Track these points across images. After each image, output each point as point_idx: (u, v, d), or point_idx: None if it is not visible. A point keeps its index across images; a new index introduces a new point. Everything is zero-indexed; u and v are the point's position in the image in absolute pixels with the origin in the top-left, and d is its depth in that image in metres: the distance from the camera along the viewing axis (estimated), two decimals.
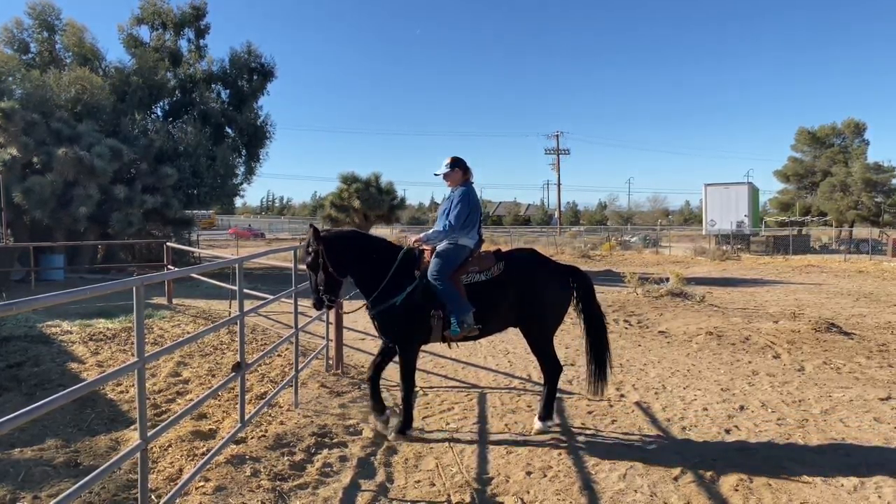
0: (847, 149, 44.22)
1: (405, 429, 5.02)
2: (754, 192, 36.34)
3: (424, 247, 5.05)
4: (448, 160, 5.15)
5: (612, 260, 29.17)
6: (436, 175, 5.18)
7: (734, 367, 7.53)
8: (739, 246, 32.68)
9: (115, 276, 16.32)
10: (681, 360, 7.91)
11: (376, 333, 5.36)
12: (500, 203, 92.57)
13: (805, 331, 9.43)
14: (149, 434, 3.32)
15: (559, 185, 67.75)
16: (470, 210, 5.02)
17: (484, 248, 5.31)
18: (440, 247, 4.95)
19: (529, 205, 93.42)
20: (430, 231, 5.08)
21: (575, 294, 5.24)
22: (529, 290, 5.02)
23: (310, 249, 4.96)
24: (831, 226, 40.40)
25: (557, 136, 67.16)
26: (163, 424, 3.63)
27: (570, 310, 5.36)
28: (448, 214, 5.01)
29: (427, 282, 4.85)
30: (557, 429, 5.23)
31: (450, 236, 4.95)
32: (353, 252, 5.00)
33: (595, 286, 5.52)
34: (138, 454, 3.23)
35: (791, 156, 46.95)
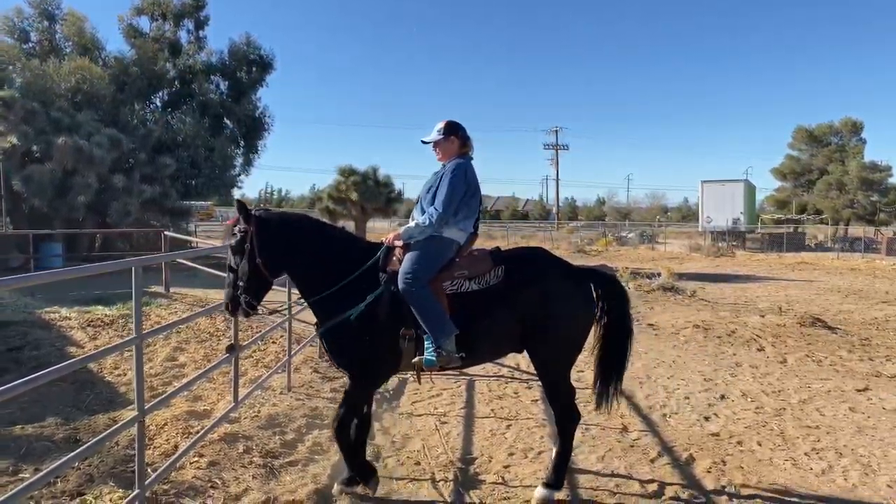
0: (844, 147, 44.32)
1: (351, 481, 3.93)
2: (750, 190, 36.53)
3: (398, 243, 3.75)
4: (441, 124, 3.84)
5: (608, 255, 29.32)
6: (423, 142, 3.89)
7: (718, 358, 7.70)
8: (735, 243, 32.90)
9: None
10: (667, 351, 8.08)
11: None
12: (499, 198, 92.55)
13: (790, 325, 9.61)
14: (146, 407, 3.48)
15: (557, 180, 67.90)
16: (466, 192, 3.70)
17: (477, 243, 4.02)
18: (416, 240, 3.69)
19: (528, 200, 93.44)
20: (411, 224, 3.70)
21: (603, 306, 3.95)
22: (538, 306, 3.69)
23: (235, 230, 3.65)
24: (827, 224, 40.63)
25: (556, 131, 67.14)
26: (159, 398, 3.80)
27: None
28: (434, 197, 3.69)
29: (396, 290, 3.57)
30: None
31: (437, 228, 3.65)
32: (296, 242, 3.67)
33: None
34: (135, 426, 3.38)
35: (788, 154, 47.11)
